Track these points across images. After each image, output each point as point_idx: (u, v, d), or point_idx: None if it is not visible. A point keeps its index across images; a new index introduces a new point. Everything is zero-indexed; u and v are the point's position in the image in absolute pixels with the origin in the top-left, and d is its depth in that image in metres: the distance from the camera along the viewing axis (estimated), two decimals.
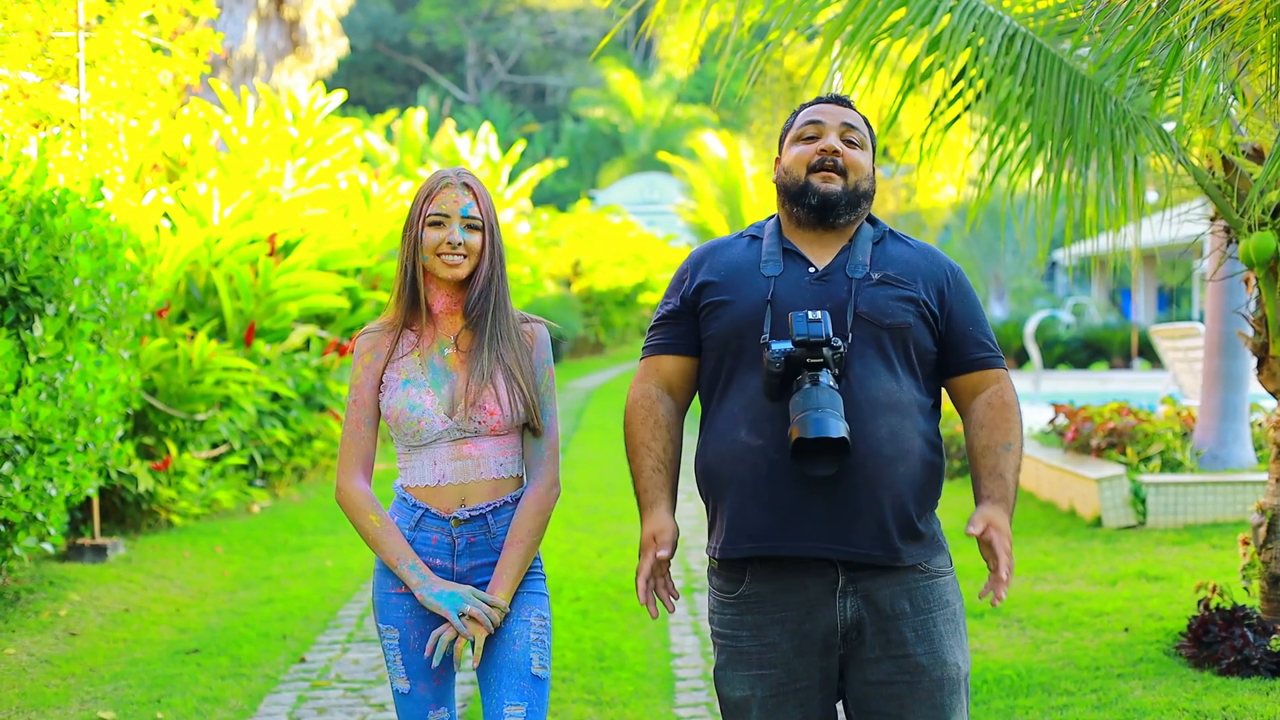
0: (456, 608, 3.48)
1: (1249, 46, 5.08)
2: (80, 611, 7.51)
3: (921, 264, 3.41)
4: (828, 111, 3.44)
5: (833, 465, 3.14)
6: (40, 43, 8.42)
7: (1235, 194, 6.11)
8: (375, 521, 3.56)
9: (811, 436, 3.08)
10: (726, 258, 3.46)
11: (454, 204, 3.54)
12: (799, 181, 3.39)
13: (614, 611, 7.68)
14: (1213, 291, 10.28)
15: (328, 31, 23.57)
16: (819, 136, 3.40)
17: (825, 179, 3.36)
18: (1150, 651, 6.40)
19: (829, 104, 3.47)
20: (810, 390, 3.14)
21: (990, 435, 3.36)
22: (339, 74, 35.23)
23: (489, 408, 3.53)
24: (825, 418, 3.09)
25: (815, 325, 3.18)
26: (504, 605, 3.53)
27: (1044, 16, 6.23)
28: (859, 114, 3.48)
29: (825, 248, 3.40)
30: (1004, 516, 3.27)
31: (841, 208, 3.37)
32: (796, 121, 3.48)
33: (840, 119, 3.42)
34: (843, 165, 3.37)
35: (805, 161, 3.39)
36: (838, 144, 3.38)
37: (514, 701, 3.50)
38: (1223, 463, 10.12)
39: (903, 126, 15.41)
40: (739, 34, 6.35)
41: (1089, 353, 27.55)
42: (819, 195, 3.36)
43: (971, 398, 3.42)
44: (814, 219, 3.38)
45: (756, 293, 3.34)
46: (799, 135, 3.43)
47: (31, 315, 7.19)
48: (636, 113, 49.96)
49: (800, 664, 3.31)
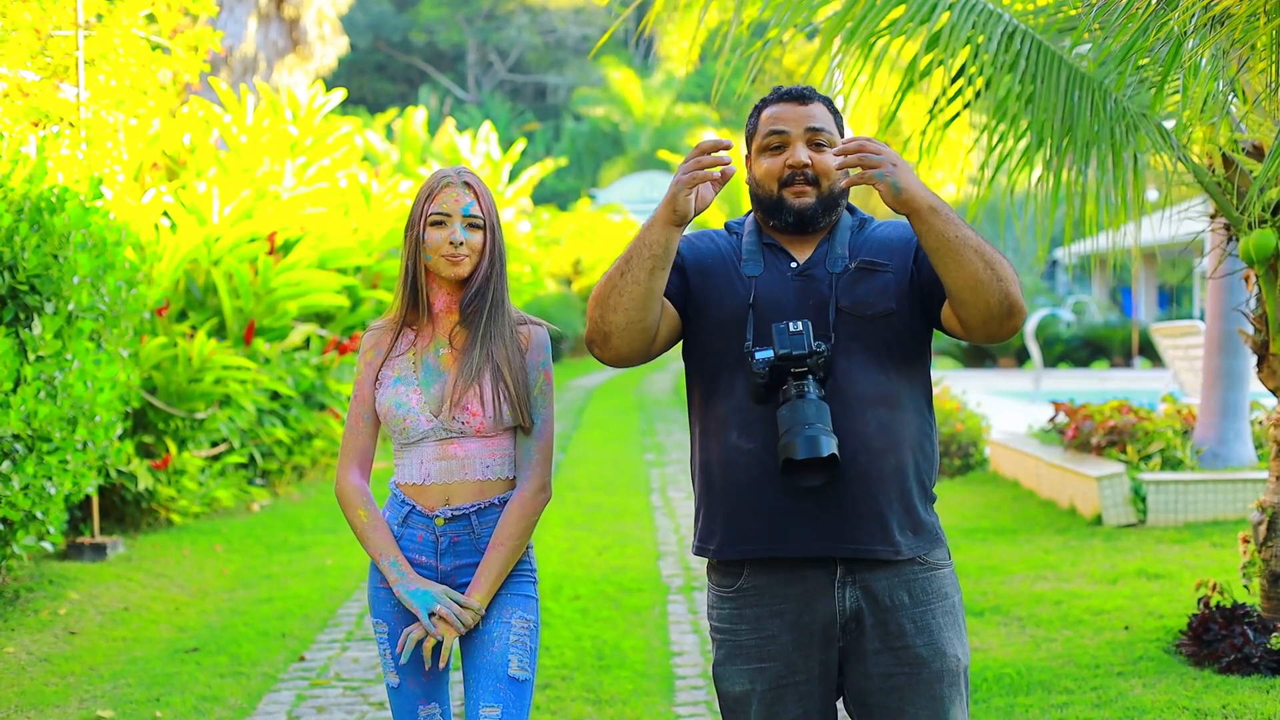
0: (427, 607, 3.50)
1: (1249, 43, 5.06)
2: (79, 610, 7.50)
3: (894, 238, 3.38)
4: (789, 117, 3.35)
5: (823, 477, 3.14)
6: (40, 41, 8.41)
7: (1235, 191, 6.10)
8: (363, 516, 3.59)
9: (801, 458, 3.09)
10: (706, 249, 3.43)
11: (455, 203, 3.55)
12: (772, 196, 3.36)
13: (614, 610, 7.68)
14: (1213, 289, 10.28)
15: (328, 30, 23.57)
16: (785, 146, 3.34)
17: (798, 194, 3.32)
18: (1150, 650, 6.39)
19: (790, 103, 3.37)
20: (797, 404, 3.13)
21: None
22: (339, 73, 35.23)
23: (471, 408, 3.53)
24: (816, 435, 3.09)
25: (797, 338, 3.16)
26: (478, 607, 3.53)
27: (1043, 14, 6.23)
28: (821, 104, 3.39)
29: (806, 243, 3.38)
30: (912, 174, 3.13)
31: (819, 216, 3.34)
32: (760, 126, 3.40)
33: (803, 123, 3.33)
34: (813, 175, 3.33)
35: (776, 176, 3.34)
36: (805, 156, 3.32)
37: (489, 703, 3.51)
38: (1223, 461, 10.12)
39: (902, 124, 15.43)
40: (738, 32, 6.34)
41: (1089, 351, 27.58)
42: (794, 213, 3.33)
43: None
44: (792, 230, 3.37)
45: (738, 295, 3.32)
46: (764, 144, 3.36)
47: (30, 313, 7.19)
48: (637, 111, 49.91)
49: (799, 656, 3.30)
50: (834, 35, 6.04)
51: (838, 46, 6.08)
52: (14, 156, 7.16)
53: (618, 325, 3.23)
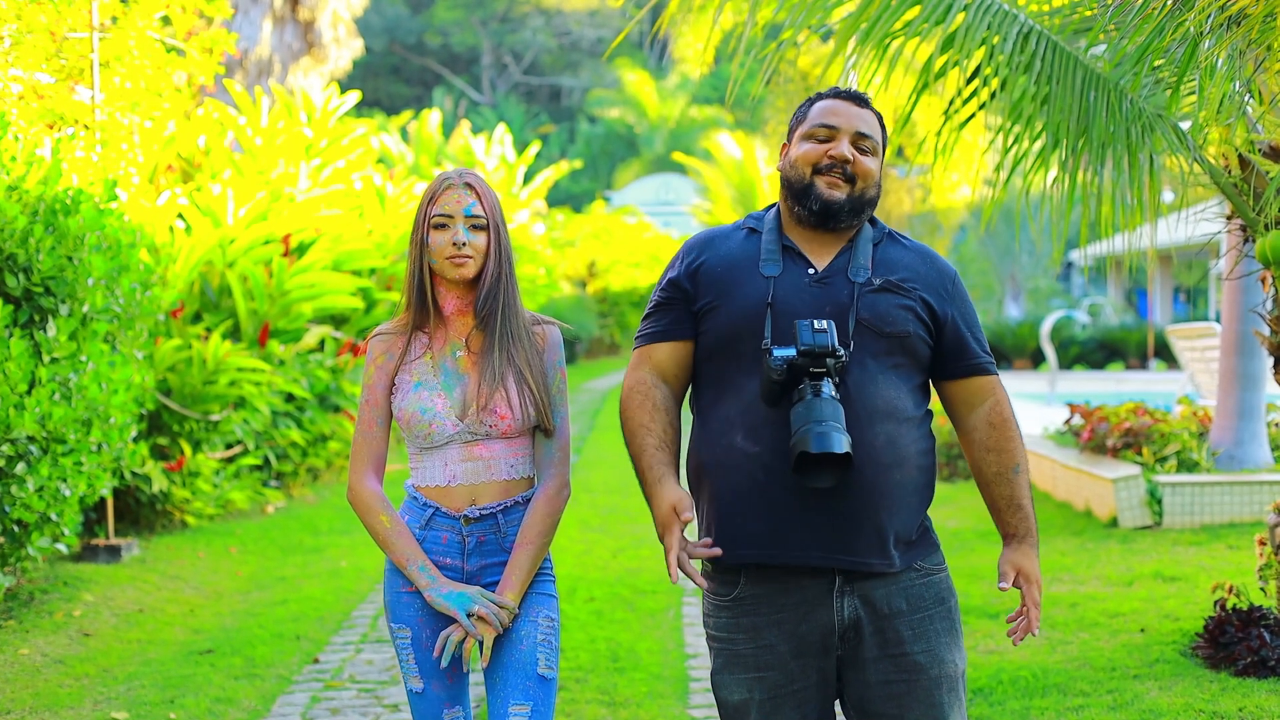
0: (465, 608, 3.48)
1: (1265, 44, 5.05)
2: (94, 612, 7.51)
3: (922, 269, 3.39)
4: (843, 113, 3.37)
5: (834, 478, 3.13)
6: (55, 44, 8.43)
7: (1252, 192, 6.08)
8: (386, 522, 3.57)
9: (816, 451, 3.07)
10: (724, 250, 3.41)
11: (457, 204, 3.54)
12: (803, 180, 3.35)
13: (628, 612, 7.68)
14: (1229, 291, 10.24)
15: (343, 32, 23.59)
16: (831, 139, 3.35)
17: (831, 184, 3.32)
18: (1166, 652, 6.37)
19: (846, 101, 3.39)
20: (813, 402, 3.12)
21: (999, 460, 3.39)
22: (354, 75, 35.27)
23: (500, 411, 3.53)
24: (829, 432, 3.08)
25: (821, 335, 3.16)
26: (513, 606, 3.53)
27: (1059, 14, 6.21)
28: (875, 114, 3.42)
29: (825, 248, 3.37)
30: (1032, 556, 3.38)
31: (844, 214, 3.34)
32: (810, 115, 3.41)
33: (855, 125, 3.35)
34: (851, 173, 3.33)
35: (812, 161, 3.34)
36: (849, 152, 3.33)
37: (519, 701, 3.50)
38: (1239, 463, 10.08)
39: (917, 126, 15.39)
40: (753, 34, 6.33)
41: (1105, 353, 27.51)
42: (821, 201, 3.33)
43: (968, 409, 3.43)
44: (814, 221, 3.36)
45: (756, 293, 3.31)
46: (811, 133, 3.37)
47: (45, 315, 7.20)
48: (652, 113, 49.95)
49: (798, 665, 3.30)
50: (849, 37, 6.03)
51: (852, 48, 6.07)
52: (29, 158, 7.17)
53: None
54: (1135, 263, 20.44)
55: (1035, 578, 3.36)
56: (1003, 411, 3.41)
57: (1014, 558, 3.38)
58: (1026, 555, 3.38)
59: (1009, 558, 3.38)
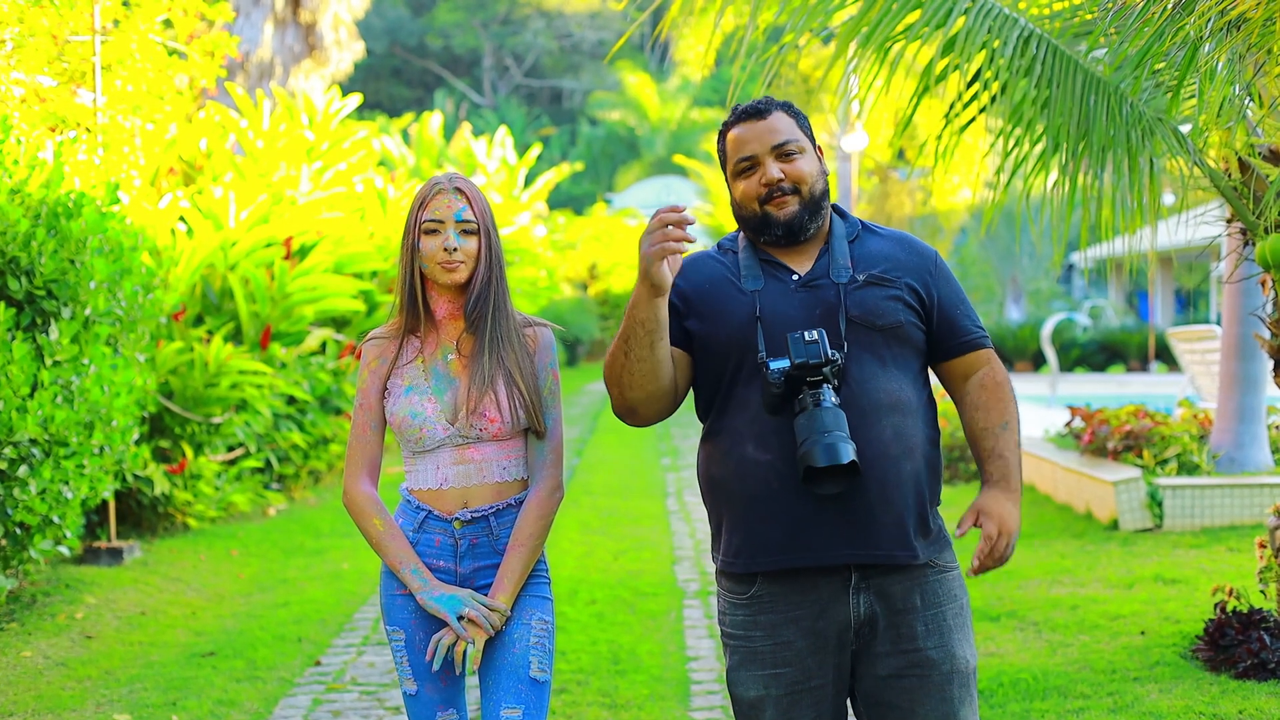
0: (456, 611, 3.50)
1: (1265, 48, 5.06)
2: (96, 614, 7.52)
3: (902, 256, 3.41)
4: (751, 138, 3.37)
5: (842, 485, 3.16)
6: (56, 47, 8.45)
7: (1252, 196, 6.08)
8: (379, 525, 3.59)
9: (822, 465, 3.10)
10: (705, 272, 3.42)
11: (447, 209, 3.55)
12: (756, 214, 3.37)
13: (630, 614, 7.68)
14: (1230, 294, 10.24)
15: (344, 35, 23.62)
16: (756, 166, 3.36)
17: (779, 205, 3.34)
18: (1166, 655, 6.38)
19: (748, 122, 3.38)
20: (815, 412, 3.14)
21: (986, 416, 3.42)
22: (355, 77, 35.25)
23: (489, 415, 3.54)
24: (835, 443, 3.11)
25: (813, 346, 3.18)
26: (504, 609, 3.53)
27: (1059, 18, 6.22)
28: (780, 111, 3.40)
29: (803, 255, 3.39)
30: (1000, 498, 3.36)
31: (806, 222, 3.36)
32: (728, 151, 3.41)
33: (768, 141, 3.35)
34: (791, 185, 3.34)
35: (754, 196, 3.36)
36: (777, 172, 3.33)
37: (511, 704, 3.51)
38: (1240, 465, 10.09)
39: (918, 129, 15.42)
40: (754, 36, 6.34)
41: (1106, 355, 27.50)
42: (781, 224, 3.34)
43: (963, 380, 3.45)
44: (785, 242, 3.38)
45: (742, 310, 3.32)
46: (737, 170, 3.38)
47: (47, 318, 7.21)
48: (653, 116, 49.93)
49: (814, 662, 3.31)
50: (849, 40, 6.04)
51: (853, 51, 6.08)
52: (31, 162, 7.18)
53: (639, 400, 3.32)
54: (1136, 265, 20.44)
55: (996, 513, 3.32)
56: (996, 375, 3.44)
57: (980, 501, 3.36)
58: (994, 497, 3.35)
59: (975, 502, 3.36)
